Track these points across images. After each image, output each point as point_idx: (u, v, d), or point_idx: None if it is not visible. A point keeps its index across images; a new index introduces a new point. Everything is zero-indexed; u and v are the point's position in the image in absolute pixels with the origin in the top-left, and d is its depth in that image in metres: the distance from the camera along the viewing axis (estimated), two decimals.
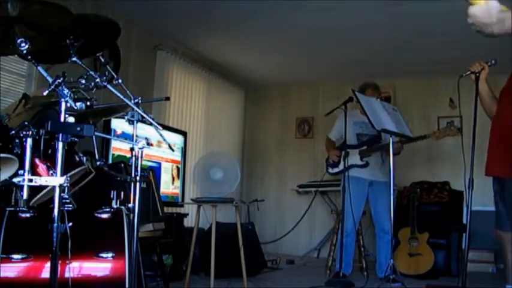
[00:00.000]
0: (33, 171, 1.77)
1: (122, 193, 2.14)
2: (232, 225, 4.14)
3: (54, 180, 1.63)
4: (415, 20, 4.45)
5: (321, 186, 5.61)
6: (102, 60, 2.30)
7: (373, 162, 4.42)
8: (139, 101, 2.28)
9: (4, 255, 1.76)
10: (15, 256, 1.79)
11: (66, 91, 1.68)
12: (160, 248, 3.39)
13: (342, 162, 4.48)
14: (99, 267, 1.91)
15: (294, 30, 4.91)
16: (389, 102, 5.86)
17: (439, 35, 4.74)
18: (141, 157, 2.25)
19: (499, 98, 3.06)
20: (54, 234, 1.58)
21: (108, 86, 2.07)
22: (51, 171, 1.83)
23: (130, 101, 2.20)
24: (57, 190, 1.62)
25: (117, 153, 3.89)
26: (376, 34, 4.91)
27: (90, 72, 1.99)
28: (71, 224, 1.67)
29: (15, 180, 1.68)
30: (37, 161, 1.87)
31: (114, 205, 2.08)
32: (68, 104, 1.68)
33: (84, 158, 2.19)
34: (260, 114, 7.25)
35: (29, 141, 1.77)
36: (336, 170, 4.60)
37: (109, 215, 2.03)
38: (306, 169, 6.68)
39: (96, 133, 1.77)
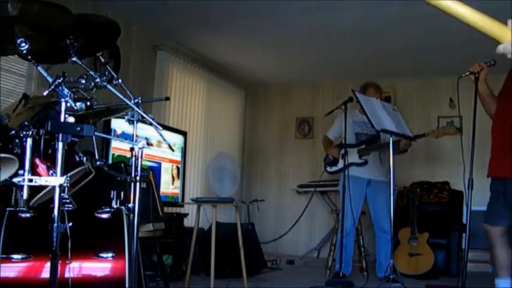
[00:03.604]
0: (33, 171, 1.77)
1: (122, 193, 2.14)
2: (232, 225, 4.15)
3: (54, 180, 1.63)
4: (415, 20, 4.44)
5: (321, 186, 5.61)
6: (102, 60, 2.30)
7: (371, 161, 4.42)
8: (139, 101, 2.28)
9: (4, 255, 1.76)
10: (15, 256, 1.78)
11: (66, 91, 1.67)
12: (160, 248, 3.39)
13: (340, 161, 4.49)
14: (99, 267, 1.91)
15: (294, 30, 4.91)
16: (389, 102, 5.86)
17: (439, 35, 4.74)
18: (141, 157, 2.25)
19: (498, 99, 3.07)
20: (54, 234, 1.58)
21: (108, 86, 2.07)
22: (51, 171, 1.83)
23: (130, 101, 2.20)
24: (57, 190, 1.62)
25: (117, 153, 3.89)
26: (376, 34, 4.91)
27: (90, 72, 1.99)
28: (71, 224, 1.67)
29: (15, 180, 1.68)
30: (37, 161, 1.87)
31: (114, 205, 2.07)
32: (68, 104, 1.68)
33: (84, 158, 2.19)
34: (260, 114, 7.25)
35: (29, 141, 1.76)
36: (334, 168, 4.60)
37: (109, 215, 2.03)
38: (305, 169, 6.68)
39: (96, 133, 1.77)
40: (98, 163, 2.27)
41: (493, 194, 3.04)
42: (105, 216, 2.03)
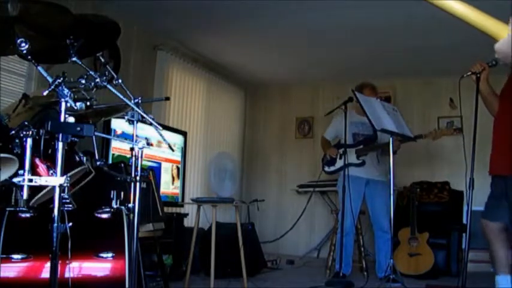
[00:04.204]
0: (33, 171, 1.77)
1: (122, 193, 2.14)
2: (232, 225, 4.15)
3: (54, 180, 1.62)
4: (415, 20, 4.45)
5: (320, 186, 5.61)
6: (102, 60, 2.30)
7: (369, 161, 4.43)
8: (139, 101, 2.28)
9: (4, 255, 1.76)
10: (15, 256, 1.78)
11: (66, 91, 1.67)
12: (160, 248, 3.39)
13: (338, 161, 4.49)
14: (99, 267, 1.90)
15: (294, 30, 4.91)
16: (389, 102, 5.86)
17: (440, 35, 4.74)
18: (141, 157, 2.25)
19: (500, 98, 3.07)
20: (54, 234, 1.58)
21: (108, 86, 2.07)
22: (51, 171, 1.83)
23: (130, 101, 2.20)
24: (57, 190, 1.62)
25: (117, 153, 3.89)
26: (376, 34, 4.91)
27: (90, 72, 1.99)
28: (71, 224, 1.67)
29: (15, 180, 1.67)
30: (37, 161, 1.87)
31: (114, 205, 2.07)
32: (68, 104, 1.67)
33: (84, 158, 2.19)
34: (260, 114, 7.25)
35: (29, 141, 1.76)
36: (332, 168, 4.61)
37: (109, 215, 2.03)
38: (305, 169, 6.68)
39: (96, 133, 1.77)
40: (98, 163, 2.27)
41: (493, 191, 3.04)
42: (105, 216, 2.03)
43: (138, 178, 2.22)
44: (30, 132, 1.77)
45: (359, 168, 4.40)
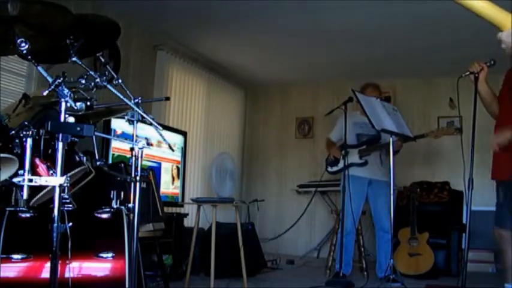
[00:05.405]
0: (33, 171, 1.77)
1: (122, 193, 2.14)
2: (232, 225, 4.15)
3: (54, 180, 1.63)
4: (415, 20, 4.45)
5: (321, 186, 5.61)
6: (102, 60, 2.30)
7: (372, 161, 4.43)
8: (139, 101, 2.28)
9: (4, 255, 1.76)
10: (15, 256, 1.78)
11: (66, 91, 1.67)
12: (160, 248, 3.39)
13: (341, 161, 4.49)
14: (99, 267, 1.91)
15: (294, 30, 4.91)
16: (389, 102, 5.86)
17: (440, 35, 4.74)
18: (141, 157, 2.25)
19: (499, 100, 3.06)
20: (54, 234, 1.58)
21: (108, 86, 2.07)
22: (51, 171, 1.84)
23: (130, 101, 2.20)
24: (57, 190, 1.62)
25: (117, 153, 3.89)
26: (376, 34, 4.91)
27: (90, 72, 1.99)
28: (71, 224, 1.67)
29: (15, 180, 1.68)
30: (37, 161, 1.87)
31: (114, 205, 2.07)
32: (68, 104, 1.68)
33: (84, 158, 2.19)
34: (260, 114, 7.26)
35: (29, 141, 1.77)
36: (335, 168, 4.61)
37: (109, 215, 2.03)
38: (306, 169, 6.68)
39: (96, 133, 1.77)
40: (98, 163, 2.27)
41: (499, 199, 3.02)
42: (105, 216, 2.03)
43: (138, 178, 2.22)
44: (30, 132, 1.77)
45: (362, 168, 4.40)
